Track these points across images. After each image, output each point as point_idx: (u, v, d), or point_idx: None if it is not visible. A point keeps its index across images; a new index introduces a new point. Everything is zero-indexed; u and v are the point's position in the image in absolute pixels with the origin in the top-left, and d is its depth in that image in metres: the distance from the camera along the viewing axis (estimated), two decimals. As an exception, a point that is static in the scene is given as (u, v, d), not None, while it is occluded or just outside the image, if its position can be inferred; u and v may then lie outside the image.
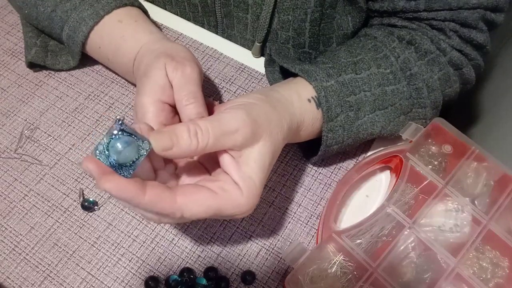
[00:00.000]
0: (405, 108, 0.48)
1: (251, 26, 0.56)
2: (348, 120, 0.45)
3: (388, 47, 0.49)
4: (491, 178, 0.46)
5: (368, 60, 0.48)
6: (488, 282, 0.42)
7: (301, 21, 0.52)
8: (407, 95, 0.48)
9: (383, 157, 0.49)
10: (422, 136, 0.48)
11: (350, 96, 0.45)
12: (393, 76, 0.48)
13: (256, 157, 0.37)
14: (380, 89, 0.47)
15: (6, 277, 0.44)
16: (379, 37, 0.51)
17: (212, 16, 0.58)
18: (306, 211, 0.49)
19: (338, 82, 0.45)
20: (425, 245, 0.42)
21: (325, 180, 0.51)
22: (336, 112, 0.45)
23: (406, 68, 0.48)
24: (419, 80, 0.48)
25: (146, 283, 0.44)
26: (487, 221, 0.44)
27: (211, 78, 0.57)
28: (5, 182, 0.49)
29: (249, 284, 0.45)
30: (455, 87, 0.51)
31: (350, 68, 0.46)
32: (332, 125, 0.45)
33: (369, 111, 0.46)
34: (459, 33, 0.50)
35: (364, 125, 0.47)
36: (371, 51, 0.49)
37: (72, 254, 0.45)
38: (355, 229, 0.43)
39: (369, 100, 0.46)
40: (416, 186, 0.46)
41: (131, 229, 0.47)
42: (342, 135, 0.46)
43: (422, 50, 0.49)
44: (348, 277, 0.41)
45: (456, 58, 0.50)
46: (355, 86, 0.46)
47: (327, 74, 0.45)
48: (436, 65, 0.49)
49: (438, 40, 0.50)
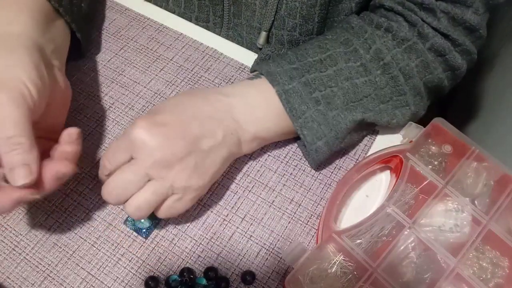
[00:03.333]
0: (382, 97, 0.49)
1: (259, 13, 0.56)
2: (319, 113, 0.46)
3: (360, 39, 0.50)
4: (491, 178, 0.46)
5: (336, 56, 0.48)
6: (488, 282, 0.42)
7: (311, 6, 0.53)
8: (381, 85, 0.49)
9: (383, 157, 0.49)
10: (422, 136, 0.48)
11: (315, 92, 0.47)
12: (363, 68, 0.48)
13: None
14: (348, 82, 0.48)
15: (6, 277, 0.44)
16: (355, 27, 0.51)
17: (220, 4, 0.58)
18: (306, 211, 0.49)
19: (301, 82, 0.46)
20: (425, 245, 0.42)
21: (325, 180, 0.51)
22: (302, 110, 0.46)
23: (378, 59, 0.49)
24: (393, 68, 0.49)
25: (146, 283, 0.44)
26: (487, 221, 0.44)
27: (211, 78, 0.57)
28: (5, 182, 0.49)
29: (249, 284, 0.45)
30: (436, 74, 0.51)
31: (315, 68, 0.48)
32: (302, 122, 0.46)
33: (341, 104, 0.47)
34: (450, 14, 0.49)
35: (342, 114, 0.47)
36: (342, 45, 0.49)
37: (72, 254, 0.45)
38: (355, 229, 0.43)
39: (338, 94, 0.47)
40: (416, 186, 0.46)
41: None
42: (320, 130, 0.46)
43: (399, 38, 0.50)
44: (348, 277, 0.41)
45: (438, 44, 0.50)
46: (319, 83, 0.47)
47: (289, 77, 0.47)
48: (413, 53, 0.49)
49: (422, 25, 0.50)
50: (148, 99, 0.55)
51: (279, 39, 0.58)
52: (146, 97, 0.55)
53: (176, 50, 0.59)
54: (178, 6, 0.61)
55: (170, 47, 0.59)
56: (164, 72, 0.57)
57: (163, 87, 0.56)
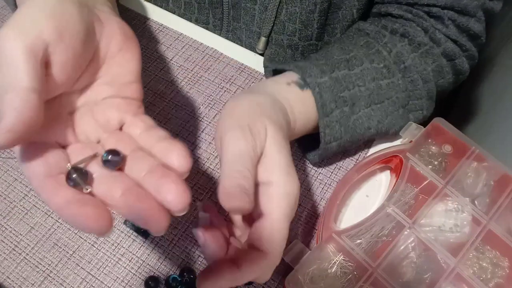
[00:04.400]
0: (402, 100, 0.49)
1: (258, 18, 0.56)
2: (343, 115, 0.46)
3: (380, 42, 0.50)
4: (491, 178, 0.46)
5: (360, 56, 0.48)
6: (488, 282, 0.42)
7: (310, 12, 0.53)
8: (403, 88, 0.49)
9: (383, 157, 0.49)
10: (422, 136, 0.48)
11: (344, 91, 0.46)
12: (387, 70, 0.48)
13: (270, 143, 0.36)
14: (374, 83, 0.47)
15: (6, 277, 0.44)
16: (371, 33, 0.51)
17: (219, 7, 0.58)
18: (306, 211, 0.49)
19: (332, 78, 0.46)
20: (425, 245, 0.42)
21: (325, 180, 0.51)
22: (331, 108, 0.45)
23: (399, 62, 0.49)
24: (413, 72, 0.49)
25: (146, 283, 0.44)
26: (487, 221, 0.44)
27: (211, 78, 0.57)
28: (5, 182, 0.49)
29: (249, 284, 0.45)
30: (448, 78, 0.52)
31: (343, 65, 0.47)
32: (328, 121, 0.45)
33: (364, 106, 0.47)
34: (457, 22, 0.50)
35: (360, 120, 0.47)
36: (363, 47, 0.49)
37: (72, 254, 0.45)
38: (355, 229, 0.43)
39: (364, 95, 0.47)
40: (416, 186, 0.46)
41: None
42: (339, 131, 0.46)
43: (416, 43, 0.50)
44: (348, 277, 0.41)
45: (449, 49, 0.50)
46: (349, 81, 0.46)
47: (321, 71, 0.46)
48: (429, 57, 0.50)
49: (434, 31, 0.50)
50: (148, 99, 0.55)
51: (279, 44, 0.57)
52: (146, 97, 0.55)
53: (176, 50, 0.59)
54: (178, 7, 0.61)
55: (170, 47, 0.59)
56: (164, 72, 0.57)
57: (163, 87, 0.56)
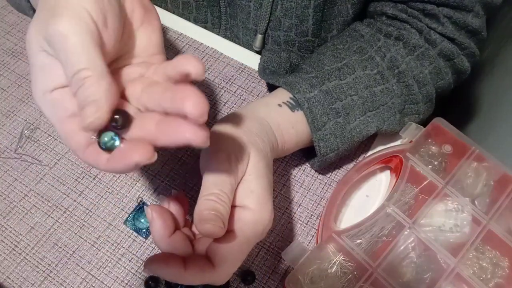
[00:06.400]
0: (398, 105, 0.49)
1: (254, 14, 0.56)
2: (337, 126, 0.46)
3: (373, 47, 0.49)
4: (491, 178, 0.46)
5: (352, 63, 0.48)
6: (488, 282, 0.42)
7: (304, 7, 0.53)
8: (398, 93, 0.49)
9: (383, 157, 0.49)
10: (422, 136, 0.48)
11: (336, 102, 0.46)
12: (380, 76, 0.48)
13: (250, 170, 0.36)
14: (367, 91, 0.47)
15: (6, 277, 0.44)
16: (365, 35, 0.51)
17: (216, 5, 0.58)
18: (306, 211, 0.49)
19: (322, 91, 0.46)
20: (425, 245, 0.42)
21: (325, 180, 0.51)
22: (323, 121, 0.45)
23: (394, 67, 0.49)
24: (408, 76, 0.49)
25: (146, 283, 0.44)
26: (487, 221, 0.44)
27: (211, 78, 0.57)
28: (5, 182, 0.49)
29: (249, 284, 0.45)
30: (447, 79, 0.51)
31: (334, 75, 0.47)
32: (321, 134, 0.45)
33: (359, 114, 0.47)
34: (453, 19, 0.49)
35: (358, 128, 0.47)
36: (356, 53, 0.49)
37: (72, 254, 0.45)
38: (355, 229, 0.43)
39: (357, 103, 0.47)
40: (416, 186, 0.46)
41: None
42: (335, 142, 0.46)
43: (411, 45, 0.49)
44: (348, 277, 0.41)
45: (446, 49, 0.50)
46: (340, 92, 0.46)
47: (310, 85, 0.46)
48: (426, 59, 0.49)
49: (429, 31, 0.50)
50: (148, 99, 0.55)
51: (275, 40, 0.57)
52: (146, 97, 0.55)
53: (176, 50, 0.59)
54: (176, 7, 0.61)
55: (170, 47, 0.59)
56: (164, 72, 0.57)
57: (163, 87, 0.56)
